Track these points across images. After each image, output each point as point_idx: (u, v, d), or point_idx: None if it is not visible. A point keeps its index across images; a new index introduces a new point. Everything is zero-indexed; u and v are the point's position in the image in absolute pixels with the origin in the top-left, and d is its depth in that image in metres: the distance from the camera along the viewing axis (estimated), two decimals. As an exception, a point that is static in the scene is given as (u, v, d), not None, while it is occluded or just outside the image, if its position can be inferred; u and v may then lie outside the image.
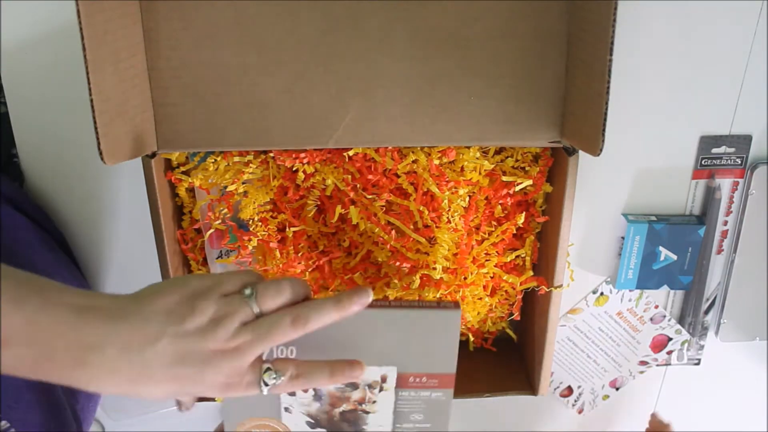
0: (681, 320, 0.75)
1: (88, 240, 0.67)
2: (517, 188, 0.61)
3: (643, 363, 0.77)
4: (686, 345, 0.75)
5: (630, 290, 0.72)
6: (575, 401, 0.80)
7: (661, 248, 0.68)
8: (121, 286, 0.70)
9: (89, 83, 0.45)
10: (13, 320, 0.35)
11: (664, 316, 0.74)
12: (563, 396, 0.80)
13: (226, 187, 0.61)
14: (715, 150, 0.67)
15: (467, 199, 0.61)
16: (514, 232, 0.64)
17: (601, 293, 0.73)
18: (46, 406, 0.50)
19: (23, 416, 0.47)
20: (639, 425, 0.82)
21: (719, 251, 0.72)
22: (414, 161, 0.59)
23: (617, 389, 0.79)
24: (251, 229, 0.62)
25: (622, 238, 0.69)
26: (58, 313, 0.36)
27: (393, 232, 0.61)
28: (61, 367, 0.36)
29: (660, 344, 0.76)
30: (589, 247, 0.70)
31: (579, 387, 0.79)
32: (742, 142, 0.66)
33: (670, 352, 0.76)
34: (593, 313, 0.74)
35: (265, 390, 0.42)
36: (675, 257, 0.68)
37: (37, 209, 0.63)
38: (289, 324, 0.41)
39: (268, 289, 0.42)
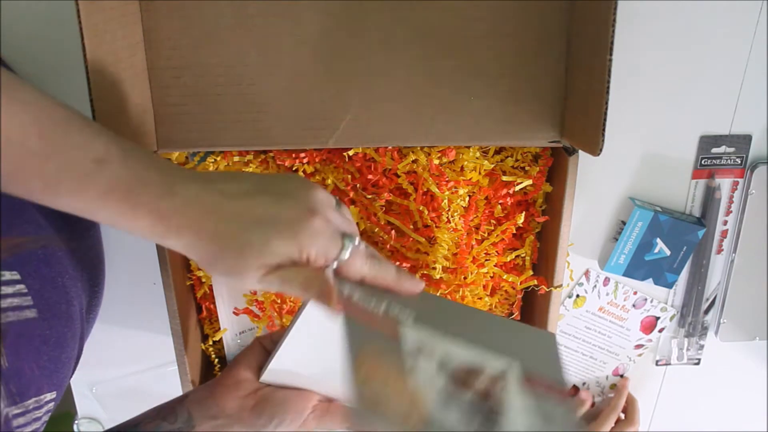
0: (681, 320, 0.75)
1: (88, 240, 0.67)
2: (517, 188, 0.61)
3: (639, 346, 0.77)
4: (675, 319, 0.76)
5: (604, 285, 0.73)
6: None
7: (658, 240, 0.68)
8: (120, 285, 0.70)
9: (89, 83, 0.45)
10: (110, 146, 0.37)
11: (646, 299, 0.74)
12: (570, 395, 0.80)
13: (226, 187, 0.61)
14: (715, 150, 0.67)
15: (467, 198, 0.61)
16: (514, 231, 0.64)
17: (577, 295, 0.73)
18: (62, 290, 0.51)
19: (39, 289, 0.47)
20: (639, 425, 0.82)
21: (719, 251, 0.72)
22: (414, 161, 0.59)
23: (621, 376, 0.79)
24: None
25: (623, 222, 0.69)
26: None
27: (393, 232, 0.61)
28: (151, 193, 0.37)
29: (649, 325, 0.76)
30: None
31: (584, 384, 0.80)
32: (742, 141, 0.66)
33: (661, 330, 0.76)
34: (575, 315, 0.75)
35: (347, 249, 0.40)
36: (668, 253, 0.68)
37: None
38: (364, 247, 0.42)
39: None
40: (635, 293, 0.73)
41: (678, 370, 0.79)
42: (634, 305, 0.74)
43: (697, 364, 0.79)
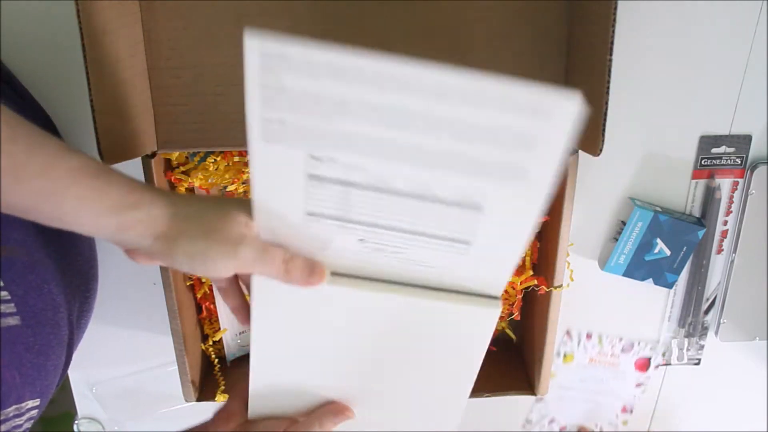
0: (681, 320, 0.75)
1: (88, 240, 0.67)
2: (517, 188, 0.61)
3: (639, 385, 0.78)
4: (666, 354, 0.76)
5: (588, 339, 0.74)
6: None
7: (658, 240, 0.68)
8: (120, 285, 0.70)
9: (89, 83, 0.45)
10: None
11: (632, 344, 0.75)
12: None
13: (226, 187, 0.61)
14: (714, 150, 0.67)
15: (467, 199, 0.61)
16: (514, 232, 0.64)
17: (565, 354, 0.74)
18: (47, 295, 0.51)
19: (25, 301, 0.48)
20: (639, 425, 0.82)
21: (719, 251, 0.72)
22: (414, 161, 0.59)
23: (631, 412, 0.80)
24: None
25: (623, 222, 0.69)
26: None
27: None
28: (121, 175, 0.40)
29: (644, 365, 0.77)
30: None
31: (596, 425, 0.81)
32: (742, 142, 0.66)
33: (657, 366, 0.77)
34: (568, 369, 0.76)
35: None
36: (668, 253, 0.68)
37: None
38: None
39: None
40: (620, 340, 0.74)
41: (678, 370, 0.79)
42: (622, 350, 0.75)
43: (697, 364, 0.79)
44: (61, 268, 0.54)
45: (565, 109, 0.34)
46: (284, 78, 0.33)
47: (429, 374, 0.50)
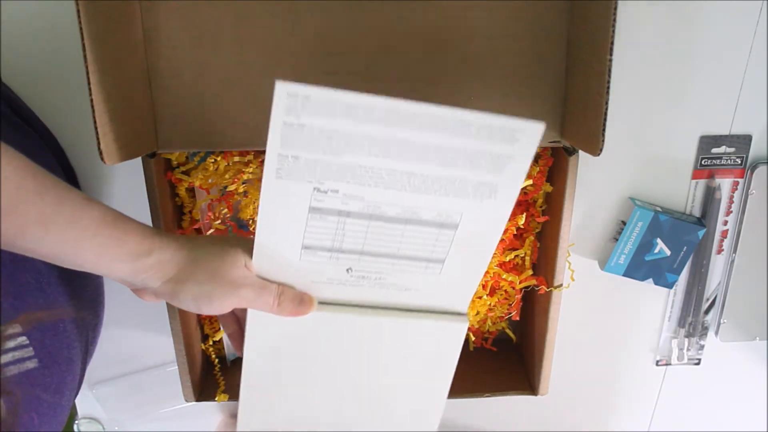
0: (681, 320, 0.75)
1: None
2: (517, 188, 0.61)
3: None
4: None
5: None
6: None
7: (658, 240, 0.68)
8: (120, 286, 0.70)
9: (89, 83, 0.45)
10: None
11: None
12: None
13: (226, 187, 0.61)
14: (715, 150, 0.67)
15: (467, 199, 0.61)
16: (515, 232, 0.64)
17: None
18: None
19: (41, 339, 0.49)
20: (639, 425, 0.82)
21: (719, 251, 0.72)
22: (414, 161, 0.59)
23: None
24: (251, 228, 0.62)
25: (623, 222, 0.69)
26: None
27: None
28: (136, 222, 0.44)
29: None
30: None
31: None
32: (742, 141, 0.66)
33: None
34: None
35: None
36: (669, 253, 0.68)
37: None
38: None
39: None
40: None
41: (678, 370, 0.79)
42: None
43: (697, 364, 0.79)
44: (74, 304, 0.54)
45: (531, 134, 0.39)
46: (304, 117, 0.38)
47: (408, 387, 0.54)
